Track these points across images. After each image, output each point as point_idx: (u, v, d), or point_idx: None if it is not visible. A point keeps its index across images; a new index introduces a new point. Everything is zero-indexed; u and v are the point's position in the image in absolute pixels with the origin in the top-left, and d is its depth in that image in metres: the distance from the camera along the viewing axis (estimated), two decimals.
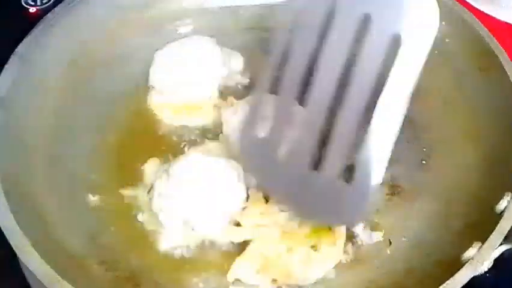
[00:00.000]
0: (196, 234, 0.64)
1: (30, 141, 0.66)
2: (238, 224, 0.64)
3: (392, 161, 0.70)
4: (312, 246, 0.62)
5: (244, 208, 0.64)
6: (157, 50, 0.75)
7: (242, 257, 0.62)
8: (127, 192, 0.67)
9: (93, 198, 0.67)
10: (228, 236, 0.63)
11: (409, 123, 0.74)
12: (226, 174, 0.64)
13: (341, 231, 0.63)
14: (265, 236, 0.62)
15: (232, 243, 0.64)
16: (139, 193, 0.67)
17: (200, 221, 0.63)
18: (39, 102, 0.69)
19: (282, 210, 0.63)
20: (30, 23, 0.72)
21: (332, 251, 0.62)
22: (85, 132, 0.71)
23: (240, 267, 0.61)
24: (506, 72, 0.67)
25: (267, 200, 0.65)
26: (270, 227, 0.63)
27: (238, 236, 0.63)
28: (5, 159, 0.62)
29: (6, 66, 0.66)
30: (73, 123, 0.71)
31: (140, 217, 0.66)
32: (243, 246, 0.63)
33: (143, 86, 0.75)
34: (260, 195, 0.65)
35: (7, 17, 0.88)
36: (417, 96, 0.74)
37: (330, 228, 0.63)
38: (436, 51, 0.74)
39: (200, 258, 0.63)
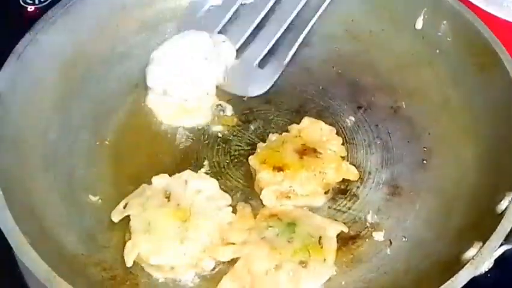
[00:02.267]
0: None
1: (28, 139, 0.66)
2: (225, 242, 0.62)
3: (393, 161, 0.70)
4: (301, 262, 0.60)
5: (231, 223, 0.63)
6: (154, 49, 0.74)
7: (229, 275, 0.60)
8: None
9: (91, 198, 0.67)
10: (215, 255, 0.61)
11: (409, 122, 0.74)
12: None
13: (331, 247, 0.62)
14: (253, 252, 0.60)
15: None
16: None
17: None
18: (36, 100, 0.69)
19: (271, 226, 0.62)
20: (28, 21, 0.71)
21: (321, 268, 0.60)
22: (82, 131, 0.71)
23: (227, 286, 0.60)
24: (507, 71, 0.67)
25: (255, 216, 0.64)
26: (258, 244, 0.61)
27: (226, 255, 0.61)
28: (3, 158, 0.61)
29: (4, 64, 0.66)
30: (70, 121, 0.71)
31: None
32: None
33: (141, 85, 0.75)
34: (248, 210, 0.65)
35: (6, 16, 0.88)
36: (417, 95, 0.75)
37: (320, 244, 0.61)
38: (438, 50, 0.75)
39: None
